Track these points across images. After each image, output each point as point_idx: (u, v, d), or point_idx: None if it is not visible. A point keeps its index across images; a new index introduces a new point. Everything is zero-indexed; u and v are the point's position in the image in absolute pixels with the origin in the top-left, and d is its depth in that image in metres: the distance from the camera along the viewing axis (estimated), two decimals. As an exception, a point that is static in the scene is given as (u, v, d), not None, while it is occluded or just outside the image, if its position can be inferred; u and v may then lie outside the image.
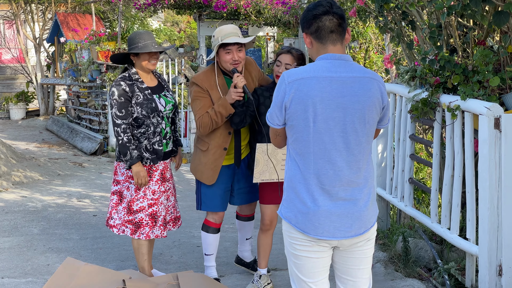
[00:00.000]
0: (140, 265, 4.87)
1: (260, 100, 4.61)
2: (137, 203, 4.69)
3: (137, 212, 4.70)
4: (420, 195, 6.62)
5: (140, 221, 4.71)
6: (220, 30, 4.59)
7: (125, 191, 4.75)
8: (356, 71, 2.88)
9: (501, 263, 3.96)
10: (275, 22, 13.75)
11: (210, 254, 4.94)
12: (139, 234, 4.72)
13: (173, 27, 27.98)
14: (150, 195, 4.72)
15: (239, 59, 4.55)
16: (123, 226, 4.76)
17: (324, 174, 2.86)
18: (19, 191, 8.77)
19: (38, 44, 19.67)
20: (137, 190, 4.70)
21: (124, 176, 4.74)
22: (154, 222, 4.74)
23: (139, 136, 4.66)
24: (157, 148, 4.69)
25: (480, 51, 4.28)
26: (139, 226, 4.71)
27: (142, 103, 4.61)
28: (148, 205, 4.71)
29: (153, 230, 4.75)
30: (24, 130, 16.97)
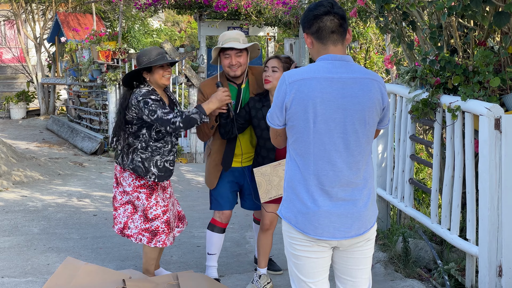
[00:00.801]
0: (145, 267, 4.85)
1: (252, 113, 4.63)
2: (152, 211, 4.65)
3: (153, 220, 4.65)
4: (420, 195, 6.62)
5: (156, 229, 4.66)
6: (223, 35, 4.67)
7: (136, 201, 4.68)
8: (356, 72, 2.88)
9: (501, 264, 3.96)
10: (276, 22, 13.75)
11: (213, 254, 4.96)
12: (155, 242, 4.67)
13: (173, 27, 27.98)
14: (162, 202, 4.69)
15: (237, 63, 4.60)
16: (140, 235, 4.70)
17: (324, 175, 2.86)
18: (19, 190, 8.78)
19: (38, 44, 19.67)
20: (148, 198, 4.64)
21: (131, 186, 4.66)
22: (169, 229, 4.71)
23: (153, 149, 4.59)
24: (167, 167, 4.64)
25: (481, 52, 4.28)
26: (156, 234, 4.67)
27: None
28: (162, 212, 4.67)
29: (169, 237, 4.72)
30: (25, 129, 16.97)
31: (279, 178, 4.50)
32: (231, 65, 4.60)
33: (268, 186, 4.52)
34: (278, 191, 4.53)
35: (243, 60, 4.63)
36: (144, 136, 4.58)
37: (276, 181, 4.51)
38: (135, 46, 18.28)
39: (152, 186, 4.66)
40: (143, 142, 4.58)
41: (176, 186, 8.92)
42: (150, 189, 4.65)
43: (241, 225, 6.94)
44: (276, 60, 4.53)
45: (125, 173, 4.67)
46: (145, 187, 4.64)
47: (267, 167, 4.50)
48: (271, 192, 4.54)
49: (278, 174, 4.50)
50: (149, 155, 4.58)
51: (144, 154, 4.58)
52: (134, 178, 4.64)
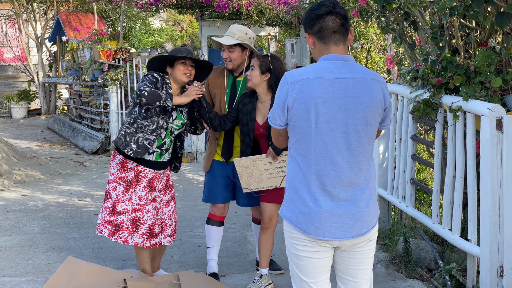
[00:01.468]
0: (140, 267, 4.85)
1: (239, 106, 4.72)
2: (122, 205, 4.63)
3: (119, 213, 4.63)
4: (422, 195, 6.61)
5: (120, 223, 4.63)
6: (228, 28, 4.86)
7: (112, 191, 4.68)
8: (358, 72, 2.88)
9: (502, 264, 3.96)
10: (277, 22, 13.74)
11: (211, 247, 5.02)
12: (117, 237, 4.63)
13: (174, 26, 27.98)
14: (136, 200, 4.64)
15: (228, 57, 4.78)
16: (102, 226, 4.68)
17: (325, 175, 2.86)
18: (20, 189, 8.78)
19: (40, 43, 19.67)
20: (124, 192, 4.63)
21: (114, 176, 4.67)
22: (134, 228, 4.64)
23: (139, 126, 4.59)
24: (145, 145, 4.58)
25: (482, 52, 4.28)
26: (119, 228, 4.63)
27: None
28: (132, 210, 4.63)
29: (133, 236, 4.63)
30: (26, 129, 16.98)
31: (260, 172, 4.58)
32: (224, 58, 4.81)
33: (249, 178, 4.61)
34: (259, 184, 4.62)
35: (234, 56, 4.77)
36: (135, 113, 4.63)
37: (257, 175, 4.59)
38: (136, 46, 18.30)
39: (130, 182, 4.63)
40: (132, 118, 4.64)
41: (177, 185, 8.91)
42: (128, 184, 4.64)
43: (242, 225, 6.94)
44: (255, 59, 4.63)
45: (113, 161, 4.70)
46: (124, 180, 4.64)
47: (246, 159, 4.60)
48: (253, 184, 4.62)
49: (258, 168, 4.58)
50: (133, 131, 4.60)
51: (129, 129, 4.61)
52: (118, 168, 4.65)
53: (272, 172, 4.61)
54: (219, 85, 4.86)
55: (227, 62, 4.80)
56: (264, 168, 4.60)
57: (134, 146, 4.58)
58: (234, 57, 4.78)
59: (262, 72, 4.56)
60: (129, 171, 4.64)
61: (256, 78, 4.57)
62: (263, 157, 4.59)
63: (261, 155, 4.60)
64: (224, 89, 4.85)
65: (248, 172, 4.60)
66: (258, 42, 20.56)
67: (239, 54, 4.79)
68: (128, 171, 4.64)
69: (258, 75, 4.56)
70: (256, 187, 4.64)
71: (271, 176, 4.61)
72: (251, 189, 4.65)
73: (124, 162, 4.64)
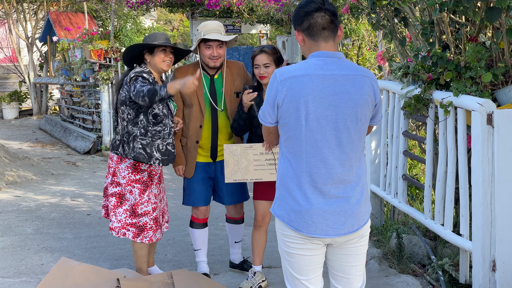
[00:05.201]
0: (137, 266, 4.84)
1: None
2: (142, 207, 4.63)
3: (142, 215, 4.63)
4: (414, 191, 6.63)
5: (144, 224, 4.65)
6: (204, 25, 4.74)
7: (128, 194, 4.65)
8: (348, 69, 2.88)
9: (494, 259, 3.97)
10: (268, 19, 13.73)
11: (198, 249, 5.02)
12: (142, 238, 4.66)
13: (166, 25, 27.94)
14: (153, 199, 4.67)
15: (218, 55, 4.70)
16: (124, 229, 4.67)
17: (316, 172, 2.86)
18: (12, 190, 8.75)
19: (30, 43, 19.60)
20: (141, 194, 4.62)
21: (125, 179, 4.63)
22: (157, 225, 4.70)
23: (153, 133, 4.53)
24: (170, 149, 4.58)
25: (473, 47, 4.29)
26: (143, 229, 4.65)
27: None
28: (152, 209, 4.66)
29: (156, 234, 4.70)
30: (17, 129, 16.92)
31: (248, 162, 4.50)
32: (212, 56, 4.69)
33: (235, 167, 4.52)
34: (244, 175, 4.52)
35: (223, 52, 4.74)
36: (142, 122, 4.52)
37: (244, 165, 4.51)
38: (127, 45, 18.23)
39: (146, 182, 4.64)
40: (141, 128, 4.52)
41: (169, 184, 8.90)
42: (144, 185, 4.63)
43: (235, 223, 6.93)
44: (265, 56, 4.54)
45: (122, 164, 4.63)
46: (139, 182, 4.62)
47: (237, 147, 4.51)
48: (237, 174, 4.53)
49: (248, 157, 4.51)
50: (149, 141, 4.52)
51: (144, 140, 4.52)
52: (130, 171, 4.61)
53: (260, 163, 4.53)
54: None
55: (215, 60, 4.69)
56: (254, 158, 4.51)
57: (158, 155, 4.54)
58: (223, 54, 4.74)
59: (277, 66, 4.54)
60: (143, 172, 4.64)
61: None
62: (256, 146, 4.50)
63: (254, 144, 4.52)
64: (201, 89, 4.75)
65: (235, 160, 4.51)
66: (249, 40, 20.54)
67: (225, 50, 4.77)
68: (142, 172, 4.63)
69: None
70: (240, 178, 4.53)
71: (258, 167, 4.53)
72: (234, 179, 4.54)
73: (136, 165, 4.62)
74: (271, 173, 4.53)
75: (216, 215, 6.85)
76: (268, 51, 4.55)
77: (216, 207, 5.04)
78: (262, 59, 4.53)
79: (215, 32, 4.67)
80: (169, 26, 27.60)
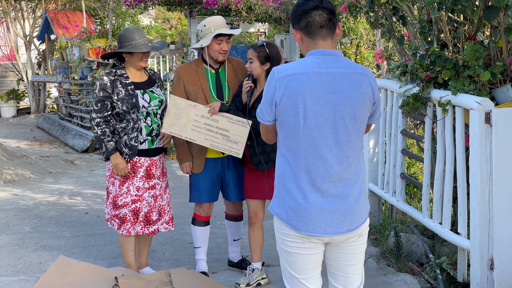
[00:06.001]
0: (126, 261, 4.89)
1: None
2: (121, 199, 4.72)
3: (121, 207, 4.73)
4: (412, 190, 6.63)
5: (124, 216, 4.73)
6: (212, 20, 4.80)
7: (111, 186, 4.81)
8: (346, 67, 2.87)
9: (492, 257, 3.97)
10: (266, 18, 13.74)
11: (198, 247, 5.02)
12: (122, 229, 4.75)
13: (164, 24, 27.93)
14: (134, 191, 4.73)
15: (227, 49, 4.80)
16: (112, 220, 4.82)
17: (314, 171, 2.85)
18: (10, 189, 8.74)
19: (28, 42, 19.56)
20: (121, 186, 4.72)
21: (109, 172, 4.80)
22: (135, 218, 4.74)
23: (120, 131, 4.71)
24: (133, 144, 4.68)
25: (471, 46, 4.29)
26: (124, 221, 4.74)
27: (123, 99, 4.65)
28: (131, 201, 4.72)
29: (134, 226, 4.74)
30: (15, 128, 16.90)
31: (187, 120, 4.58)
32: (223, 50, 4.78)
33: (174, 120, 4.59)
34: (180, 131, 4.60)
35: (229, 46, 4.85)
36: (112, 120, 4.72)
37: (184, 121, 4.59)
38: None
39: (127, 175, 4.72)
40: (111, 126, 4.72)
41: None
42: (125, 177, 4.72)
43: (233, 222, 6.93)
44: (251, 51, 4.61)
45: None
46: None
47: (182, 101, 4.61)
48: (174, 127, 4.61)
49: (189, 115, 4.59)
50: (117, 138, 4.71)
51: (114, 137, 4.71)
52: None
53: (199, 125, 4.60)
54: (198, 81, 4.82)
55: (224, 54, 4.79)
56: (194, 118, 4.58)
57: (126, 150, 4.70)
58: (229, 48, 4.85)
59: (262, 62, 4.56)
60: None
61: (256, 69, 4.57)
62: (200, 107, 4.60)
63: (199, 104, 4.62)
64: (206, 84, 4.81)
65: (177, 114, 4.58)
66: (247, 38, 20.54)
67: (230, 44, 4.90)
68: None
69: (258, 66, 4.57)
70: (176, 132, 4.61)
71: (195, 128, 4.60)
72: (170, 131, 4.62)
73: None
74: (206, 139, 4.61)
75: (214, 214, 6.84)
76: (255, 46, 4.63)
77: (214, 206, 5.03)
78: (248, 54, 4.63)
79: (224, 27, 4.77)
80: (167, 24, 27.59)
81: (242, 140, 4.60)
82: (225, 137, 4.61)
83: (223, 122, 4.61)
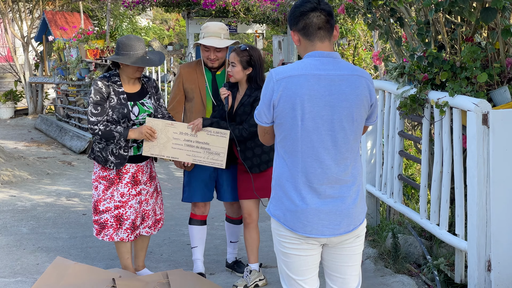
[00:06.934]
0: (122, 263, 4.88)
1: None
2: (104, 203, 4.67)
3: (102, 212, 4.68)
4: (410, 191, 6.63)
5: (105, 222, 4.68)
6: (206, 27, 4.84)
7: (93, 190, 4.74)
8: (344, 69, 2.88)
9: (490, 259, 3.98)
10: (264, 19, 13.75)
11: (195, 247, 5.03)
12: (103, 235, 4.69)
13: (162, 25, 27.92)
14: (118, 197, 4.67)
15: (215, 57, 4.80)
16: (92, 226, 4.79)
17: (312, 172, 2.86)
18: (7, 190, 8.73)
19: (26, 43, 19.55)
20: (105, 191, 4.67)
21: (95, 175, 4.74)
22: (118, 224, 4.68)
23: None
24: (122, 153, 4.63)
25: (468, 48, 4.30)
26: (104, 227, 4.68)
27: (115, 107, 4.60)
28: (114, 207, 4.67)
29: (118, 233, 4.69)
30: (13, 129, 16.88)
31: (167, 139, 4.61)
32: (209, 59, 4.82)
33: (154, 141, 4.60)
34: (161, 151, 4.62)
35: (221, 55, 4.83)
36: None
37: (163, 141, 4.61)
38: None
39: (112, 180, 4.67)
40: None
41: (165, 184, 8.89)
42: (110, 182, 4.68)
43: (231, 223, 6.92)
44: (233, 55, 4.61)
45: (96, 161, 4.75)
46: (106, 179, 4.68)
47: (159, 121, 4.61)
48: (155, 148, 4.62)
49: (167, 134, 4.61)
50: (104, 145, 4.64)
51: (100, 144, 4.66)
52: (100, 168, 4.71)
53: (179, 143, 4.62)
54: (196, 80, 4.88)
55: (212, 62, 4.82)
56: (173, 136, 4.61)
57: (112, 158, 4.64)
58: (221, 56, 4.85)
59: (244, 67, 4.58)
60: (111, 170, 4.69)
61: (238, 74, 4.58)
62: (178, 124, 4.63)
63: (176, 122, 4.65)
64: (204, 84, 4.87)
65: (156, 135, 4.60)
66: (245, 39, 20.54)
67: (225, 52, 4.86)
68: (109, 170, 4.69)
69: (240, 71, 4.58)
70: (157, 153, 4.62)
71: (176, 146, 4.63)
72: (151, 153, 4.63)
73: None
74: (188, 155, 4.64)
75: (212, 215, 6.84)
76: (237, 50, 4.62)
77: (213, 207, 5.04)
78: (230, 58, 4.63)
79: (213, 37, 4.76)
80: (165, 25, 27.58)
81: (223, 151, 4.63)
82: (206, 150, 4.64)
83: (202, 135, 4.63)
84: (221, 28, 4.81)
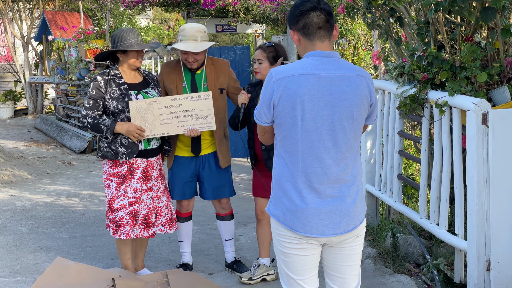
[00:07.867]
0: (122, 263, 4.87)
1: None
2: (118, 201, 4.64)
3: (117, 210, 4.64)
4: (409, 191, 6.63)
5: (120, 219, 4.64)
6: (183, 30, 4.86)
7: (106, 189, 4.72)
8: (344, 69, 2.88)
9: (489, 258, 3.98)
10: (264, 19, 13.73)
11: (181, 241, 5.15)
12: (120, 234, 4.65)
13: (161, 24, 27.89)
14: (131, 193, 4.66)
15: (193, 60, 4.81)
16: (109, 226, 4.74)
17: (312, 172, 2.86)
18: (7, 190, 8.73)
19: (26, 43, 19.55)
20: (117, 188, 4.64)
21: (106, 174, 4.71)
22: (134, 221, 4.67)
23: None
24: (131, 141, 4.63)
25: (468, 47, 4.30)
26: (120, 225, 4.65)
27: (118, 98, 4.63)
28: (129, 203, 4.65)
29: (134, 230, 4.68)
30: (13, 129, 16.88)
31: (154, 117, 4.62)
32: (187, 61, 4.84)
33: (142, 123, 4.61)
34: (151, 131, 4.64)
35: (200, 57, 4.84)
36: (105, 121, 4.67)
37: (151, 120, 4.62)
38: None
39: (124, 176, 4.66)
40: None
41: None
42: (122, 179, 4.66)
43: (230, 223, 6.92)
44: (260, 52, 4.61)
45: (104, 160, 4.73)
46: (117, 176, 4.66)
47: (142, 102, 4.62)
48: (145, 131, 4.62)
49: (153, 112, 4.62)
50: (113, 137, 4.63)
51: (107, 138, 4.64)
52: (110, 166, 4.69)
53: (166, 117, 4.64)
54: (175, 80, 4.91)
55: (191, 64, 4.83)
56: (159, 112, 4.62)
57: (123, 150, 4.62)
58: (200, 58, 4.85)
59: (271, 63, 4.57)
60: (122, 166, 4.66)
61: (266, 70, 4.57)
62: (161, 99, 4.64)
63: (159, 98, 4.66)
64: (181, 84, 4.89)
65: (142, 116, 4.60)
66: (245, 39, 20.53)
67: (204, 53, 4.87)
68: (120, 166, 4.66)
69: (267, 67, 4.56)
70: (148, 134, 4.63)
71: (164, 122, 4.65)
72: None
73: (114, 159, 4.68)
74: (177, 126, 4.67)
75: (212, 215, 6.84)
76: (263, 47, 4.62)
77: (212, 207, 5.04)
78: (257, 55, 4.62)
79: (190, 40, 4.77)
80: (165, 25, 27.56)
81: (210, 112, 4.70)
82: (193, 116, 4.69)
83: (186, 103, 4.67)
84: (198, 31, 4.81)
